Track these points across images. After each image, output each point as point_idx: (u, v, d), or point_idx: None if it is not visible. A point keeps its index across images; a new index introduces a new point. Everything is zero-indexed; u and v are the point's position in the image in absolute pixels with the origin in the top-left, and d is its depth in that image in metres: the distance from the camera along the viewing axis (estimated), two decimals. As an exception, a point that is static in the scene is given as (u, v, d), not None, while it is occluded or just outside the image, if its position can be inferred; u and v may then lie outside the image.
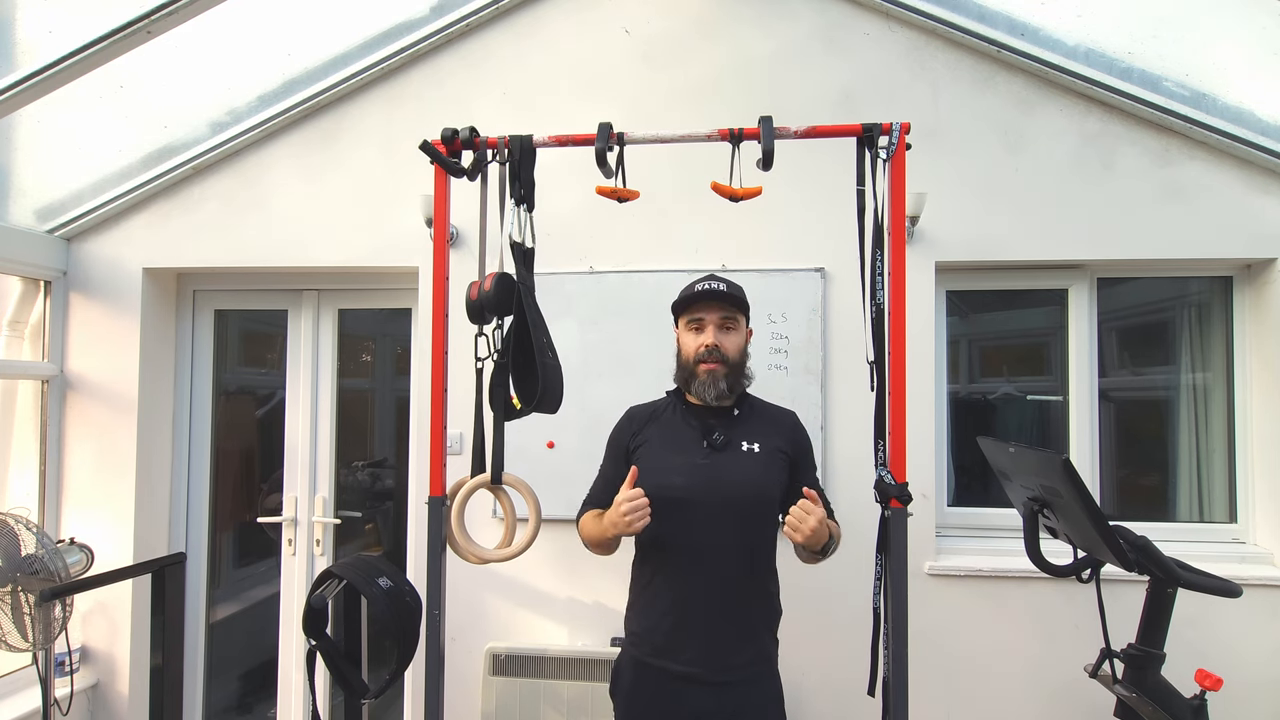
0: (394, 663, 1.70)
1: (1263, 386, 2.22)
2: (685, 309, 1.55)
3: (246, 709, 2.71)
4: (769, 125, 1.46)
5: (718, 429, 1.50)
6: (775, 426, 1.57)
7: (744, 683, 1.45)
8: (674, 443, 1.52)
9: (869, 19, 2.26)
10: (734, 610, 1.45)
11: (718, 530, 1.44)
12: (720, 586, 1.44)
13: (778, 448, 1.53)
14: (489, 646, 2.21)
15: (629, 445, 1.58)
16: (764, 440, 1.52)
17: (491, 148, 1.53)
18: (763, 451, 1.50)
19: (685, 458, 1.48)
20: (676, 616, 1.45)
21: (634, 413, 1.64)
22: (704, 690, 1.43)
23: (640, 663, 1.50)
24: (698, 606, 1.44)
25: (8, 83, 1.86)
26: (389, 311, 2.68)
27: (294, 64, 2.36)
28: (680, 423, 1.55)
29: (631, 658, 1.52)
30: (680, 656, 1.44)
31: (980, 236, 2.20)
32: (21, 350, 2.42)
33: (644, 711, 1.48)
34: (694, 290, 1.53)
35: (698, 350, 1.51)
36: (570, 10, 2.37)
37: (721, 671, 1.43)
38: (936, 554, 2.19)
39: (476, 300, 1.47)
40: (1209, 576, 1.60)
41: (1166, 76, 2.13)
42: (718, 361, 1.49)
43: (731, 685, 1.44)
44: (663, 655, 1.46)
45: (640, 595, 1.54)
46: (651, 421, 1.59)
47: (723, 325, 1.52)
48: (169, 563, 2.03)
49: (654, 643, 1.47)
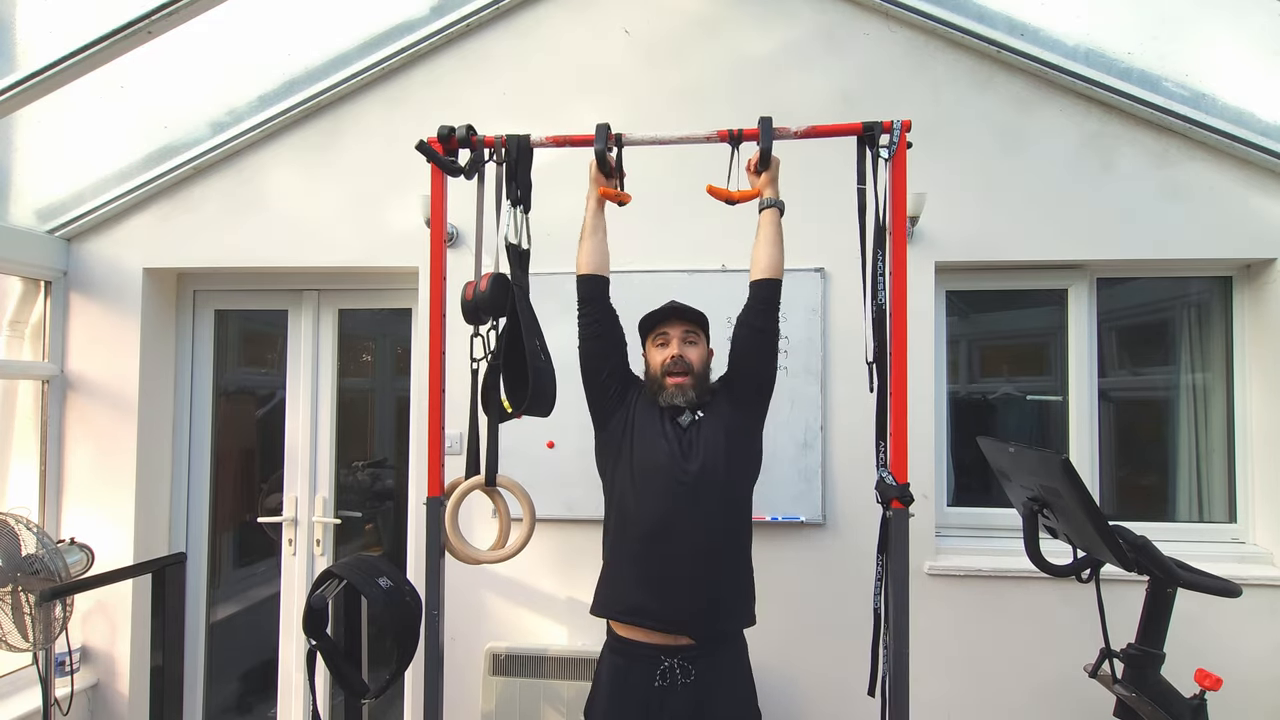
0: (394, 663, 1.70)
1: (1262, 386, 2.22)
2: (652, 327, 1.67)
3: (246, 709, 2.71)
4: (768, 126, 1.46)
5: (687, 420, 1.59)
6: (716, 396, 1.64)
7: (714, 641, 1.50)
8: (650, 420, 1.59)
9: (869, 19, 2.26)
10: (704, 566, 1.49)
11: (688, 498, 1.49)
12: (690, 546, 1.48)
13: (725, 412, 1.59)
14: (489, 646, 2.21)
15: (624, 384, 1.64)
16: (719, 417, 1.58)
17: (488, 147, 1.53)
18: (723, 427, 1.56)
19: (660, 429, 1.56)
20: (643, 568, 1.50)
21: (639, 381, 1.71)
22: (675, 657, 1.47)
23: (613, 646, 1.56)
24: (669, 561, 1.48)
25: (8, 83, 1.86)
26: (389, 311, 2.68)
27: (294, 64, 2.36)
28: (653, 409, 1.62)
29: (606, 651, 1.58)
30: (650, 607, 1.48)
31: (980, 236, 2.20)
32: (21, 350, 2.42)
33: (622, 692, 1.51)
34: (659, 309, 1.66)
35: (664, 362, 1.60)
36: (570, 10, 2.37)
37: (691, 622, 1.47)
38: (936, 554, 2.19)
39: (471, 301, 1.47)
40: (1208, 576, 1.60)
41: (1166, 77, 2.13)
42: (684, 373, 1.59)
43: (702, 646, 1.48)
44: (630, 618, 1.51)
45: (609, 563, 1.60)
46: (639, 397, 1.65)
47: (685, 339, 1.62)
48: (169, 563, 2.03)
49: (624, 602, 1.53)
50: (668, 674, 1.47)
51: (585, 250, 1.60)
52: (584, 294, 1.61)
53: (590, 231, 1.60)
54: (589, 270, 1.60)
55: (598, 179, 1.58)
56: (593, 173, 1.58)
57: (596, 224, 1.60)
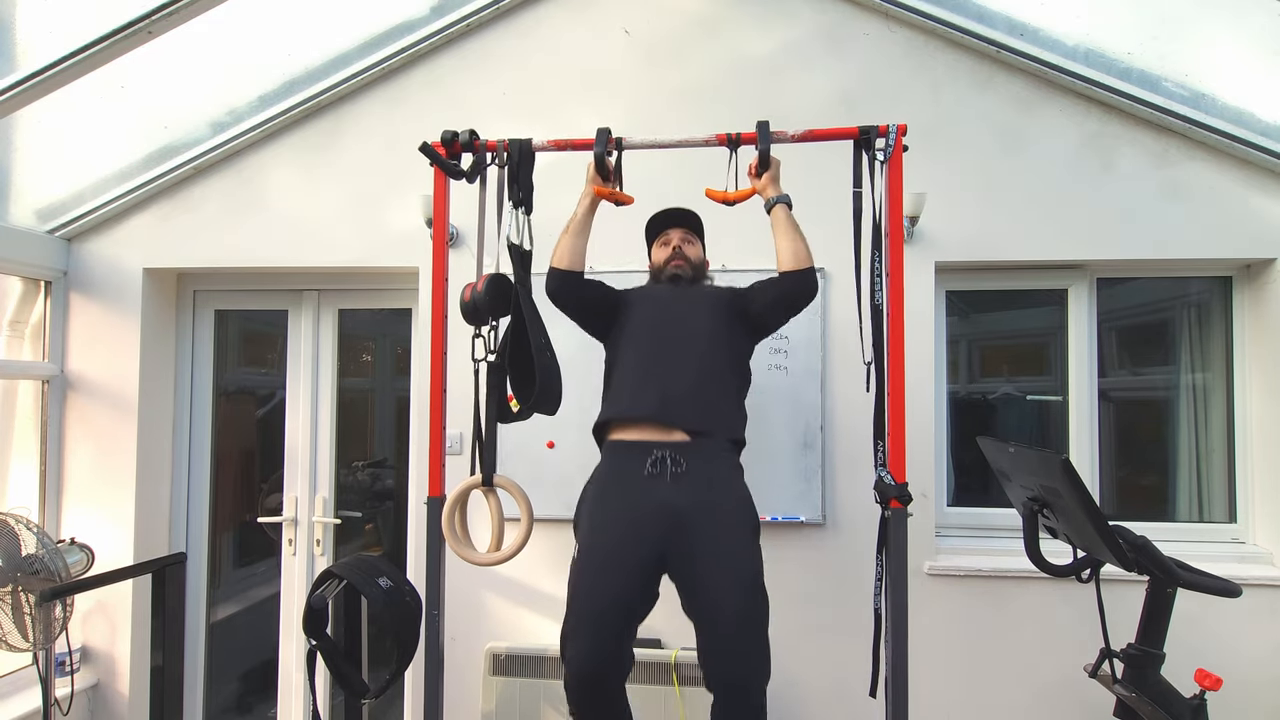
0: (394, 663, 1.70)
1: (1262, 386, 2.22)
2: (657, 232, 1.84)
3: (246, 709, 2.71)
4: (765, 129, 1.47)
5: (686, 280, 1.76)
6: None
7: (705, 438, 1.52)
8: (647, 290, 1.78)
9: (869, 19, 2.26)
10: (695, 367, 1.56)
11: (685, 322, 1.62)
12: (683, 350, 1.58)
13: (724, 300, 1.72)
14: (489, 646, 2.21)
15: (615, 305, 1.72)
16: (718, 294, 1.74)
17: (491, 151, 1.53)
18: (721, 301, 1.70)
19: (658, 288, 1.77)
20: (641, 374, 1.58)
21: None
22: (667, 449, 1.49)
23: (607, 452, 1.61)
24: (662, 367, 1.56)
25: (8, 83, 1.86)
26: (389, 311, 2.68)
27: (294, 64, 2.36)
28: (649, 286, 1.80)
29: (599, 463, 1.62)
30: (643, 400, 1.54)
31: (980, 236, 2.20)
32: (22, 350, 2.42)
33: (614, 490, 1.54)
34: (660, 216, 1.83)
35: (666, 256, 1.77)
36: (570, 10, 2.37)
37: (681, 410, 1.52)
38: (936, 554, 2.19)
39: (470, 302, 1.47)
40: (1208, 576, 1.60)
41: (1166, 77, 2.13)
42: (683, 260, 1.76)
43: (695, 442, 1.51)
44: (626, 414, 1.56)
45: (605, 398, 1.66)
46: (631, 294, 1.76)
47: (684, 240, 1.79)
48: (169, 563, 2.03)
49: (618, 406, 1.59)
50: (659, 463, 1.48)
51: (568, 246, 1.62)
52: (555, 287, 1.64)
53: (578, 230, 1.62)
54: (567, 266, 1.62)
55: (594, 179, 1.59)
56: (590, 174, 1.60)
57: (585, 225, 1.63)
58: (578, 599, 1.44)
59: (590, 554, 1.48)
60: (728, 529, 1.46)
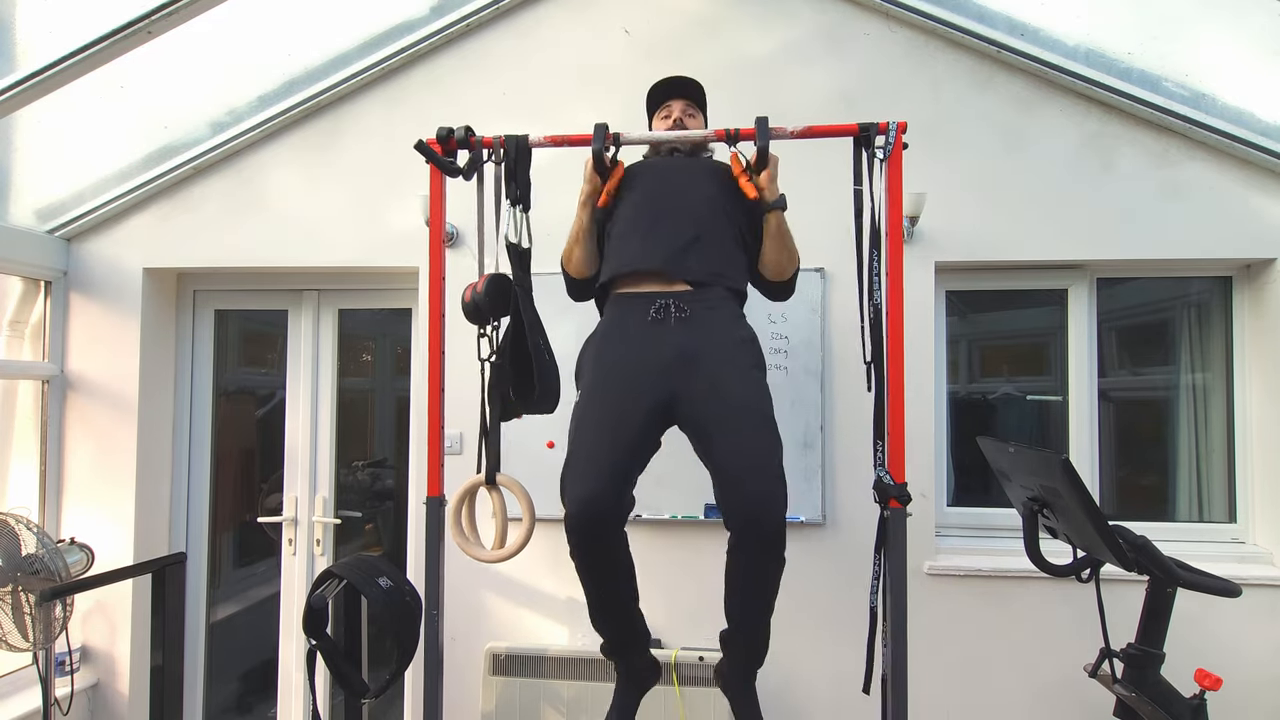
0: (394, 663, 1.70)
1: (1262, 386, 2.21)
2: (658, 103, 1.78)
3: (246, 709, 2.71)
4: (764, 125, 1.46)
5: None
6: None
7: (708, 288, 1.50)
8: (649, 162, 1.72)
9: (869, 19, 2.26)
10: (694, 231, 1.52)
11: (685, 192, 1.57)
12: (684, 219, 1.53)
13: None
14: (489, 646, 2.21)
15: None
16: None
17: (487, 147, 1.53)
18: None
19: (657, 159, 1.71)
20: (642, 233, 1.54)
21: None
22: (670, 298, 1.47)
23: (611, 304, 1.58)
24: (663, 227, 1.53)
25: (8, 83, 1.86)
26: (389, 311, 2.68)
27: (294, 64, 2.36)
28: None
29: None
30: (647, 253, 1.51)
31: (980, 236, 2.20)
32: (21, 350, 2.42)
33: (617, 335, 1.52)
34: (661, 85, 1.77)
35: (668, 129, 1.70)
36: (570, 10, 2.37)
37: (683, 261, 1.49)
38: (936, 553, 2.19)
39: (470, 302, 1.47)
40: (1208, 576, 1.60)
41: (1166, 77, 2.12)
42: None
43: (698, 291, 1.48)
44: (628, 267, 1.53)
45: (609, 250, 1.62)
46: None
47: (685, 112, 1.73)
48: (169, 563, 2.03)
49: (620, 259, 1.55)
50: (662, 310, 1.46)
51: (580, 258, 1.64)
52: (576, 296, 1.70)
53: (584, 238, 1.62)
54: (587, 274, 1.65)
55: (593, 179, 1.58)
56: (588, 172, 1.59)
57: (590, 230, 1.62)
58: (581, 441, 1.42)
59: (593, 396, 1.47)
60: (736, 367, 1.45)
